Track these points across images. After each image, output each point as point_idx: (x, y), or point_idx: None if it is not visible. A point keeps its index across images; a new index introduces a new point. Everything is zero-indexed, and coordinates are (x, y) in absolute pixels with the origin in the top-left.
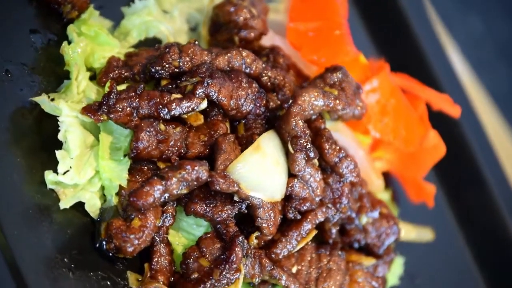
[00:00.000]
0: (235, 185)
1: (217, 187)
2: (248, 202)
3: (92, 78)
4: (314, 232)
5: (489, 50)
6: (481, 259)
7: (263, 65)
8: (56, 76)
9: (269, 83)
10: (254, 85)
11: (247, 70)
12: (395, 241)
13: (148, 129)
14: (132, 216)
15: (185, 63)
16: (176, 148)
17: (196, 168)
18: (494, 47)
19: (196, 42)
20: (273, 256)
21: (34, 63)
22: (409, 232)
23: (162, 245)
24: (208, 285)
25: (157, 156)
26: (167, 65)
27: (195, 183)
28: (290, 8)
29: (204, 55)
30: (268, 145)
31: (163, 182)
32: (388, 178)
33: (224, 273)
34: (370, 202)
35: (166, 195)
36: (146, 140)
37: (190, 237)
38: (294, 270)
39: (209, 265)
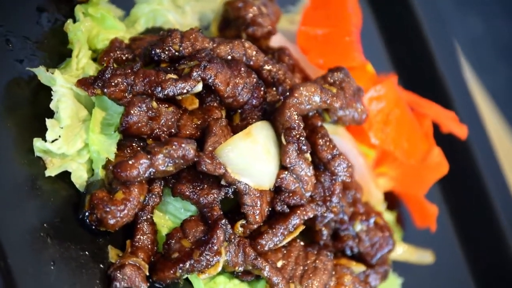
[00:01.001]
0: (222, 167)
1: (203, 168)
2: (235, 187)
3: (94, 60)
4: (301, 228)
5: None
6: (483, 284)
7: (265, 58)
8: (59, 54)
9: (269, 77)
10: (253, 75)
11: (248, 62)
12: (389, 252)
13: (139, 105)
14: (117, 189)
15: (186, 48)
16: (167, 128)
17: (183, 145)
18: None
19: (200, 31)
20: (258, 247)
21: (38, 38)
22: (409, 253)
23: (146, 223)
24: (187, 265)
25: (147, 133)
26: (167, 48)
27: (181, 161)
28: (304, 14)
29: (206, 42)
30: (260, 133)
31: (148, 157)
32: (393, 201)
33: (204, 254)
34: (366, 211)
35: (152, 170)
36: (136, 115)
37: (176, 221)
38: (279, 264)
39: (190, 246)
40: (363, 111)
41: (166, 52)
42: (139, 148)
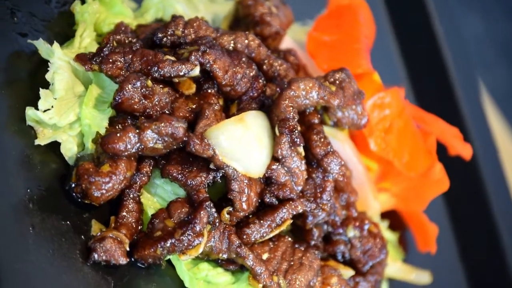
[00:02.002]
0: (211, 149)
1: (192, 148)
2: (223, 171)
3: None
4: (289, 222)
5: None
6: None
7: (268, 53)
8: (64, 35)
9: (270, 71)
10: (253, 66)
11: (250, 54)
12: (381, 262)
13: (134, 81)
14: (104, 163)
15: (188, 34)
16: (160, 108)
17: (172, 123)
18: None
19: (205, 21)
20: (244, 237)
21: (45, 17)
22: (406, 272)
23: (132, 201)
24: (168, 244)
25: (139, 110)
26: (169, 33)
27: (171, 140)
28: (316, 21)
29: (209, 31)
30: (253, 121)
31: (137, 131)
32: (396, 221)
33: (186, 234)
34: (360, 217)
35: (140, 145)
36: (130, 92)
37: (164, 204)
38: (264, 257)
39: (174, 226)
40: (363, 115)
41: (168, 37)
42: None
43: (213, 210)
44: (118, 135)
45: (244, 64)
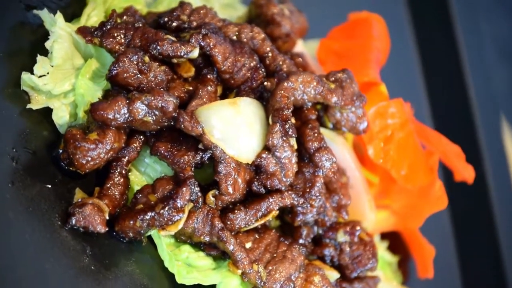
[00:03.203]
0: (200, 127)
1: (181, 125)
2: (211, 152)
3: None
4: (274, 213)
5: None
6: None
7: (272, 47)
8: (73, 14)
9: (272, 64)
10: (255, 57)
11: (254, 46)
12: (370, 270)
13: (131, 55)
14: (92, 131)
15: (194, 20)
16: (155, 84)
17: (163, 96)
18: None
19: (213, 11)
20: (228, 222)
21: None
22: None
23: (119, 175)
24: (147, 217)
25: (134, 85)
26: (175, 17)
27: (161, 114)
28: (332, 31)
29: (216, 20)
30: (247, 106)
31: (127, 102)
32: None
33: (166, 208)
34: (352, 223)
35: (129, 116)
36: (126, 64)
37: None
38: (248, 245)
39: (156, 200)
40: (362, 118)
41: (174, 21)
42: None
43: (197, 189)
44: (108, 103)
45: (246, 54)
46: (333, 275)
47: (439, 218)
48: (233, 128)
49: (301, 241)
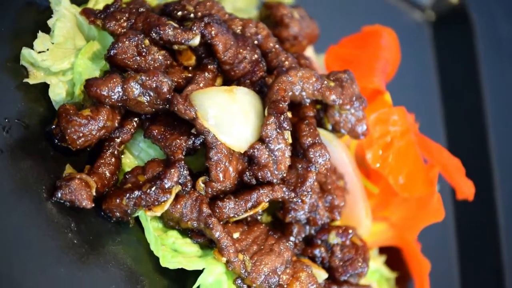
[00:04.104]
0: (193, 110)
1: (175, 107)
2: (203, 137)
3: None
4: (264, 206)
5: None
6: None
7: (276, 45)
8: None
9: (274, 60)
10: (257, 51)
11: (258, 41)
12: (360, 274)
13: (131, 37)
14: (86, 107)
15: (199, 11)
16: (153, 67)
17: (158, 76)
18: None
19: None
20: (217, 210)
21: None
22: None
23: (111, 155)
24: (133, 195)
25: (132, 67)
26: (181, 6)
27: (155, 95)
28: (342, 40)
29: (222, 13)
30: (243, 96)
31: (122, 80)
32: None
33: (153, 189)
34: (345, 226)
35: (123, 95)
36: (125, 45)
37: None
38: (235, 235)
39: (144, 181)
40: (361, 121)
41: (179, 10)
42: None
43: (186, 172)
44: (102, 80)
45: (248, 47)
46: (321, 274)
47: (444, 238)
48: (228, 115)
49: (291, 238)
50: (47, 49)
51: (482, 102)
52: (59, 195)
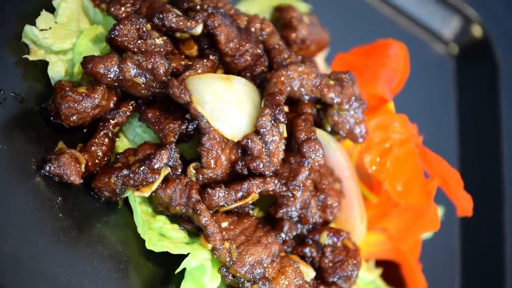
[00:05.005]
0: (187, 94)
1: (170, 90)
2: (197, 123)
3: None
4: (255, 196)
5: None
6: None
7: (280, 42)
8: None
9: (277, 57)
10: (260, 46)
11: (262, 38)
12: (349, 277)
13: (133, 20)
14: (82, 85)
15: (205, 4)
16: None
17: (155, 57)
18: None
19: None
20: (206, 197)
21: None
22: None
23: (104, 136)
24: (122, 174)
25: (132, 50)
26: None
27: (151, 77)
28: (352, 49)
29: (228, 7)
30: (240, 86)
31: (119, 60)
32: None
33: (141, 168)
34: (338, 228)
35: (119, 74)
36: (127, 27)
37: None
38: (224, 225)
39: (134, 161)
40: (360, 123)
41: (186, 2)
42: None
43: (177, 155)
44: (99, 58)
45: (251, 41)
46: (309, 272)
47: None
48: (223, 102)
49: (282, 235)
50: (50, 28)
51: (501, 139)
52: (48, 168)
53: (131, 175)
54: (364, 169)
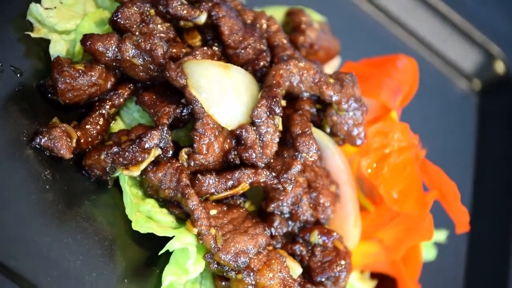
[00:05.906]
0: (184, 78)
1: (167, 73)
2: (191, 107)
3: None
4: (245, 187)
5: None
6: None
7: (285, 41)
8: None
9: (281, 53)
10: (263, 41)
11: (267, 34)
12: (337, 278)
13: (138, 3)
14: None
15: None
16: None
17: (153, 39)
18: None
19: None
20: (196, 183)
21: None
22: None
23: (100, 115)
24: (112, 151)
25: (134, 33)
26: None
27: (149, 59)
28: (362, 60)
29: (236, 3)
30: (238, 75)
31: (118, 39)
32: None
33: (131, 146)
34: (327, 228)
35: (117, 53)
36: (131, 11)
37: None
38: (212, 212)
39: (126, 140)
40: (359, 125)
41: None
42: None
43: (168, 137)
44: (99, 36)
45: (255, 36)
46: (295, 267)
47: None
48: (219, 89)
49: (272, 230)
50: (55, 7)
51: None
52: (38, 140)
53: (121, 152)
54: (366, 180)
